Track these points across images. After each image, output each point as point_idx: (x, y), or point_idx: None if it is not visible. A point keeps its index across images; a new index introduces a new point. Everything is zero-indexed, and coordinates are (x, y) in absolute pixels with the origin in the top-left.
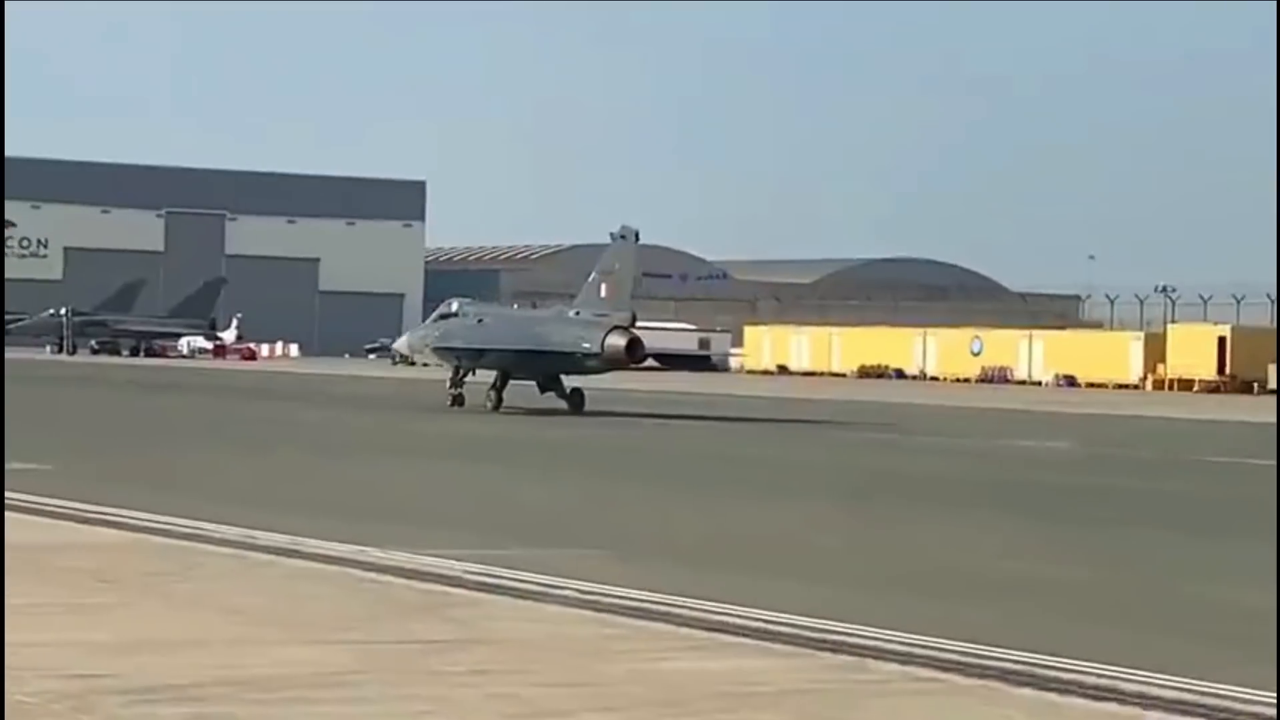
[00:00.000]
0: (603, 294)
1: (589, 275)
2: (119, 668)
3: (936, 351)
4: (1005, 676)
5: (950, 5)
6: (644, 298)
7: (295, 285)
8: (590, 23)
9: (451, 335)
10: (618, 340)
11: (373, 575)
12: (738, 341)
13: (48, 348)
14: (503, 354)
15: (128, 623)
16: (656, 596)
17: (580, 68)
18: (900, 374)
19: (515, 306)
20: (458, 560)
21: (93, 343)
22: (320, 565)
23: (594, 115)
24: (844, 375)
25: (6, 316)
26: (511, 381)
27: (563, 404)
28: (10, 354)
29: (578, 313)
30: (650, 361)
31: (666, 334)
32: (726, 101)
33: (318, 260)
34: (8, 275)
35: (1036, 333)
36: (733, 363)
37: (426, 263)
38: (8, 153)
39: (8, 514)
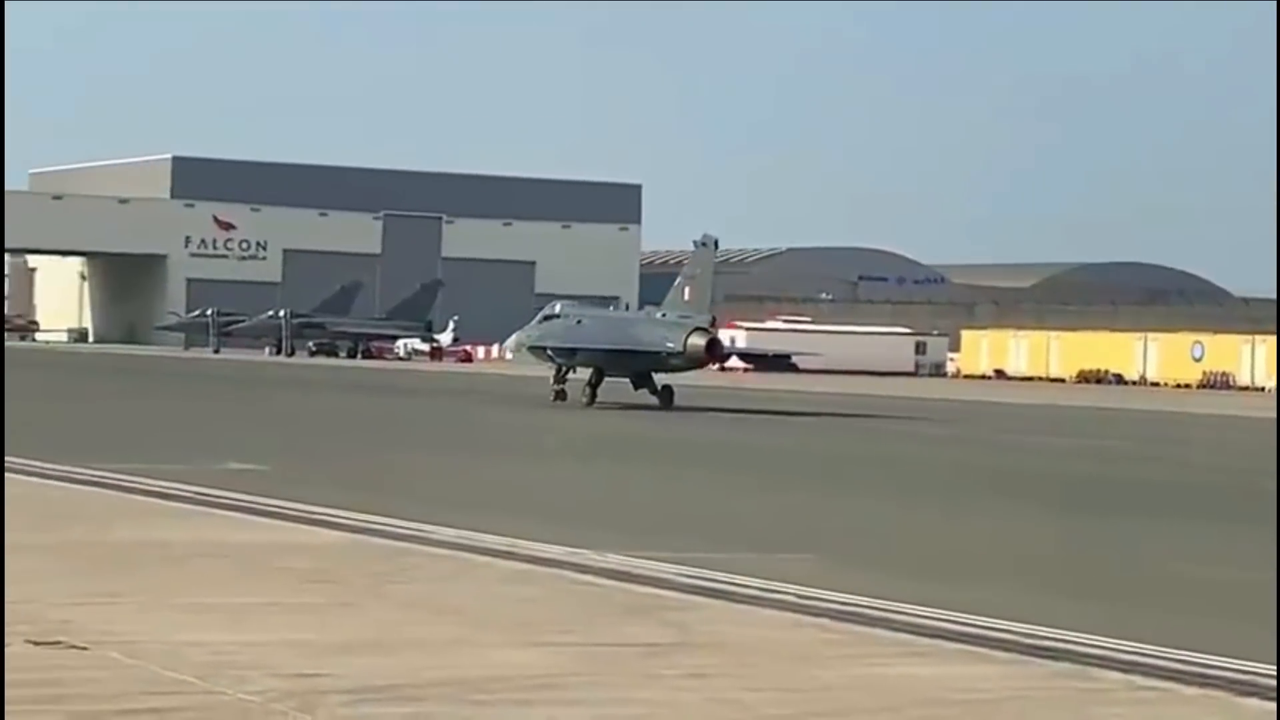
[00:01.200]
0: (686, 298)
1: (675, 280)
2: (339, 668)
3: (1157, 356)
4: (1230, 686)
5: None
6: (859, 301)
7: (511, 288)
8: (810, 26)
9: (548, 335)
10: (698, 340)
11: (589, 578)
12: (955, 346)
13: (266, 349)
14: (593, 352)
15: (347, 623)
16: (872, 601)
17: (799, 70)
18: (1120, 379)
19: (624, 311)
20: (671, 564)
21: (311, 344)
22: (536, 568)
23: (810, 117)
24: (1063, 380)
25: (228, 317)
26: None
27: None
28: (229, 355)
29: (665, 315)
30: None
31: (881, 338)
32: (944, 105)
33: (533, 263)
34: (229, 277)
35: (1259, 338)
36: (949, 367)
37: (641, 266)
38: (229, 155)
39: (229, 514)
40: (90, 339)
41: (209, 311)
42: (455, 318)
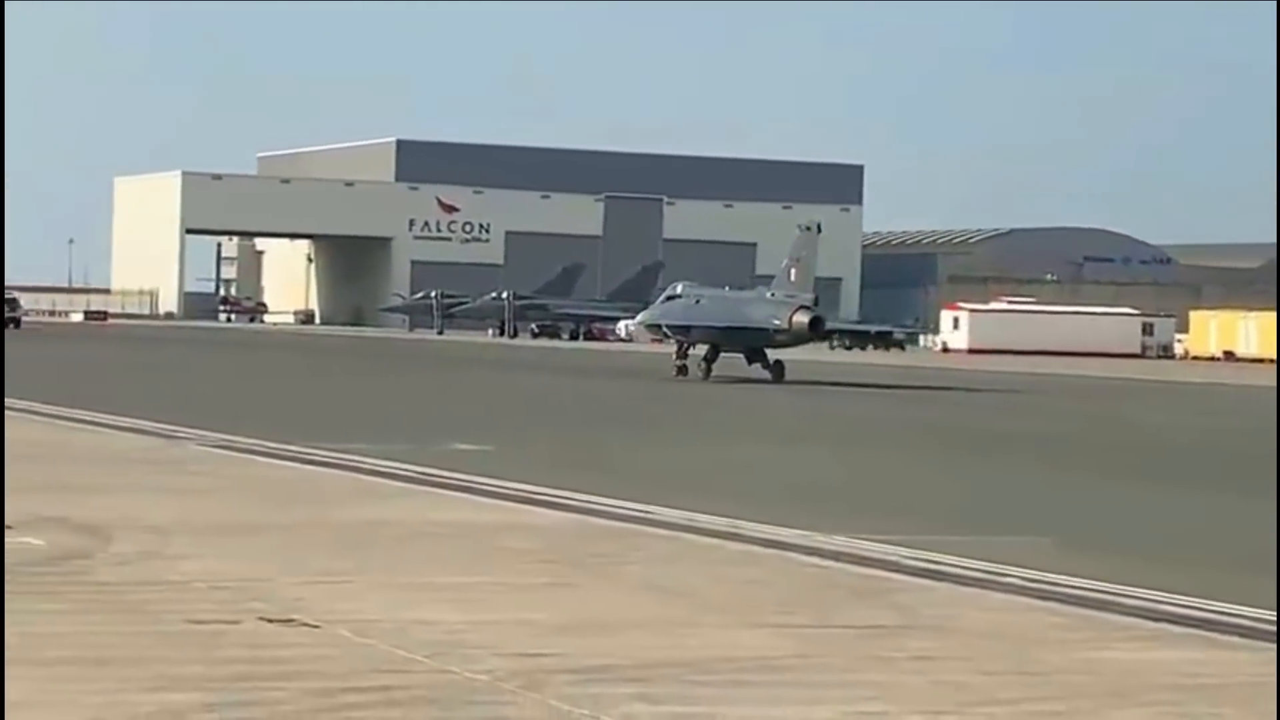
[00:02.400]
0: (792, 278)
1: (782, 261)
2: (565, 647)
3: None
4: None
5: None
6: (1084, 282)
7: (732, 269)
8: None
9: (667, 314)
10: (802, 318)
11: (813, 560)
12: (1182, 327)
13: (489, 331)
14: (707, 329)
15: (573, 603)
16: (1101, 585)
17: (1015, 47)
18: None
19: (739, 291)
20: (895, 545)
21: (533, 326)
22: (760, 549)
23: (1034, 99)
24: None
25: (452, 299)
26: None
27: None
28: (452, 336)
29: (773, 294)
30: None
31: (1106, 319)
32: (1169, 82)
33: (754, 244)
34: (452, 259)
35: None
36: (1176, 349)
37: (863, 247)
38: (453, 139)
39: (456, 494)
40: (317, 321)
41: (433, 293)
42: None
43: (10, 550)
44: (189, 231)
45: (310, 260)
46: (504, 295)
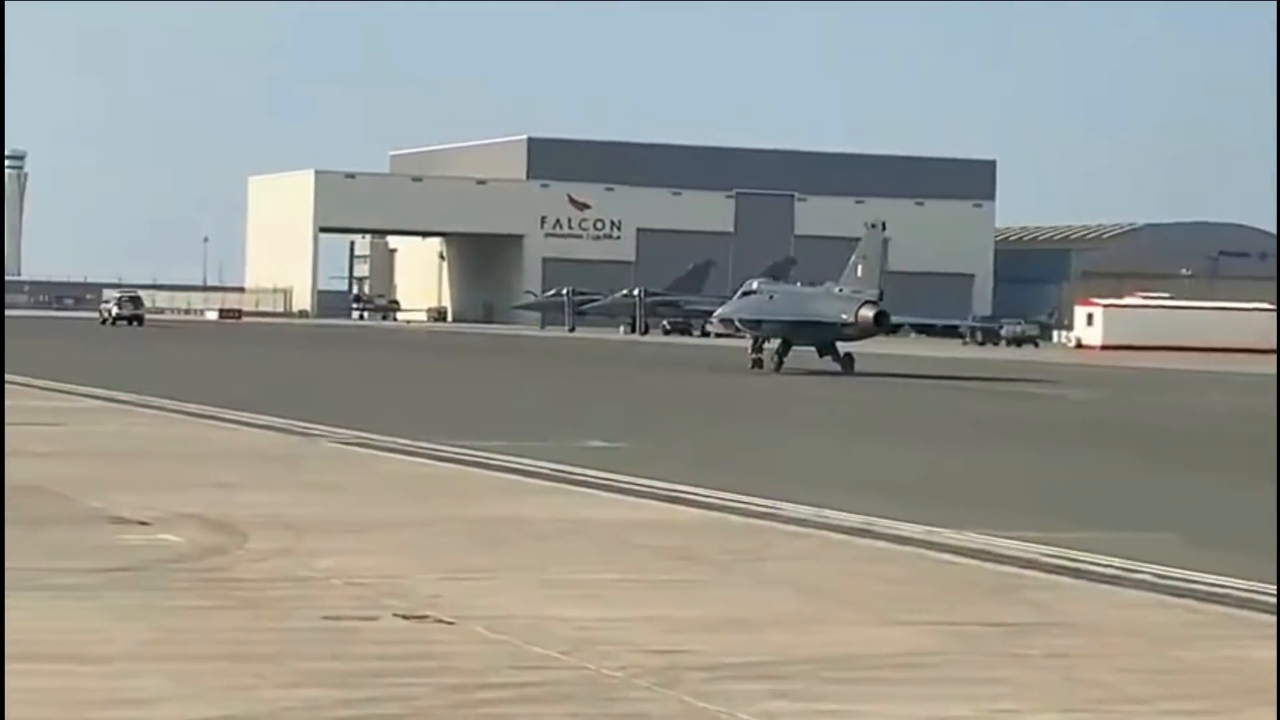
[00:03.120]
0: (859, 274)
1: (850, 258)
2: (700, 644)
3: None
4: None
5: None
6: (1221, 277)
7: None
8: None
9: (741, 309)
10: (868, 312)
11: (947, 557)
12: None
13: (621, 328)
14: (777, 324)
15: (708, 600)
16: (1237, 582)
17: (1153, 41)
18: None
19: (809, 287)
20: (1028, 542)
21: (665, 323)
22: (894, 546)
23: (1173, 93)
24: None
25: (583, 296)
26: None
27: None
28: (584, 334)
29: (841, 290)
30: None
31: (1242, 315)
32: None
33: (886, 240)
34: (583, 256)
35: None
36: None
37: (996, 243)
38: (584, 136)
39: (591, 491)
40: (449, 318)
41: (564, 290)
42: None
43: (148, 547)
44: (322, 230)
45: (442, 258)
46: (635, 292)
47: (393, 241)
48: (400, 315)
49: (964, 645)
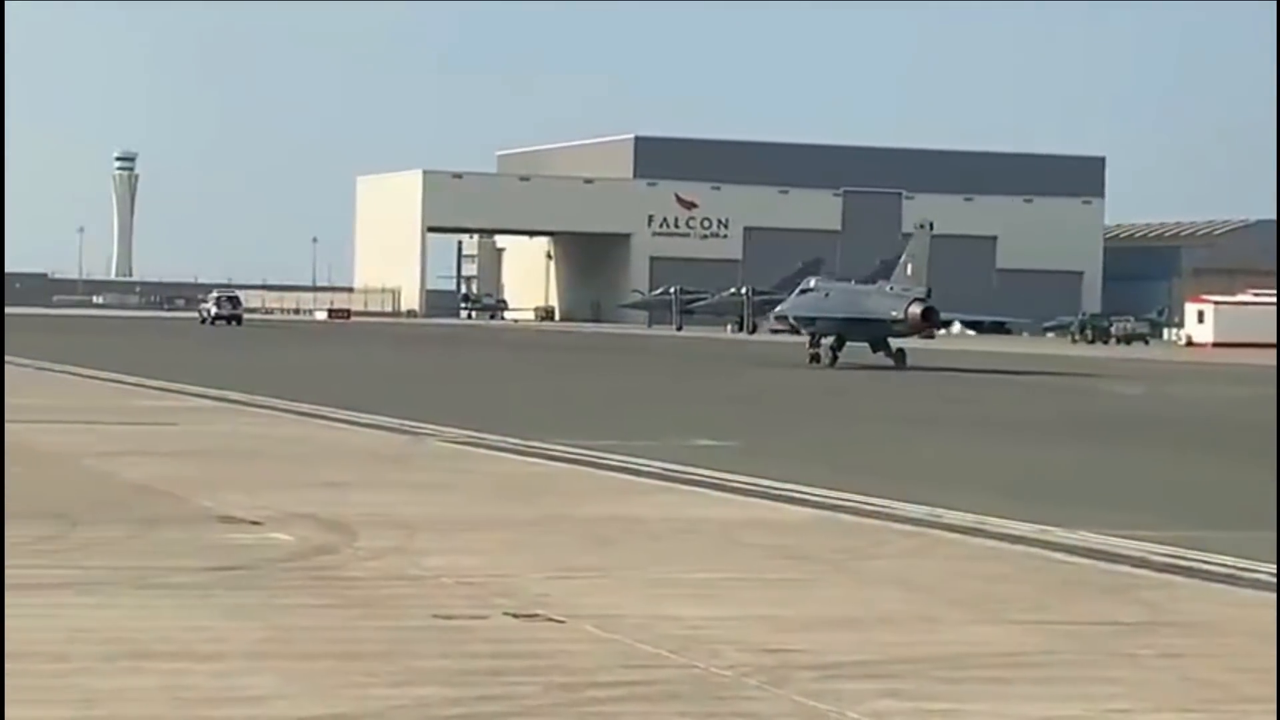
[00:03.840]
0: (909, 273)
1: (900, 256)
2: (809, 643)
3: None
4: None
5: None
6: None
7: (972, 263)
8: None
9: (796, 307)
10: (916, 309)
11: (1059, 555)
12: None
13: (728, 327)
14: (830, 320)
15: (818, 599)
16: None
17: (1264, 40)
18: None
19: (864, 285)
20: (1140, 540)
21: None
22: (1004, 544)
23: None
24: None
25: (690, 295)
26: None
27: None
28: (691, 332)
29: (891, 288)
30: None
31: None
32: None
33: (994, 238)
34: (691, 255)
35: None
36: None
37: (1105, 240)
38: (691, 134)
39: (700, 489)
40: (556, 317)
41: (671, 289)
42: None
43: (259, 546)
44: (430, 229)
45: (550, 257)
46: (742, 291)
47: (500, 241)
48: (508, 314)
49: (1076, 645)
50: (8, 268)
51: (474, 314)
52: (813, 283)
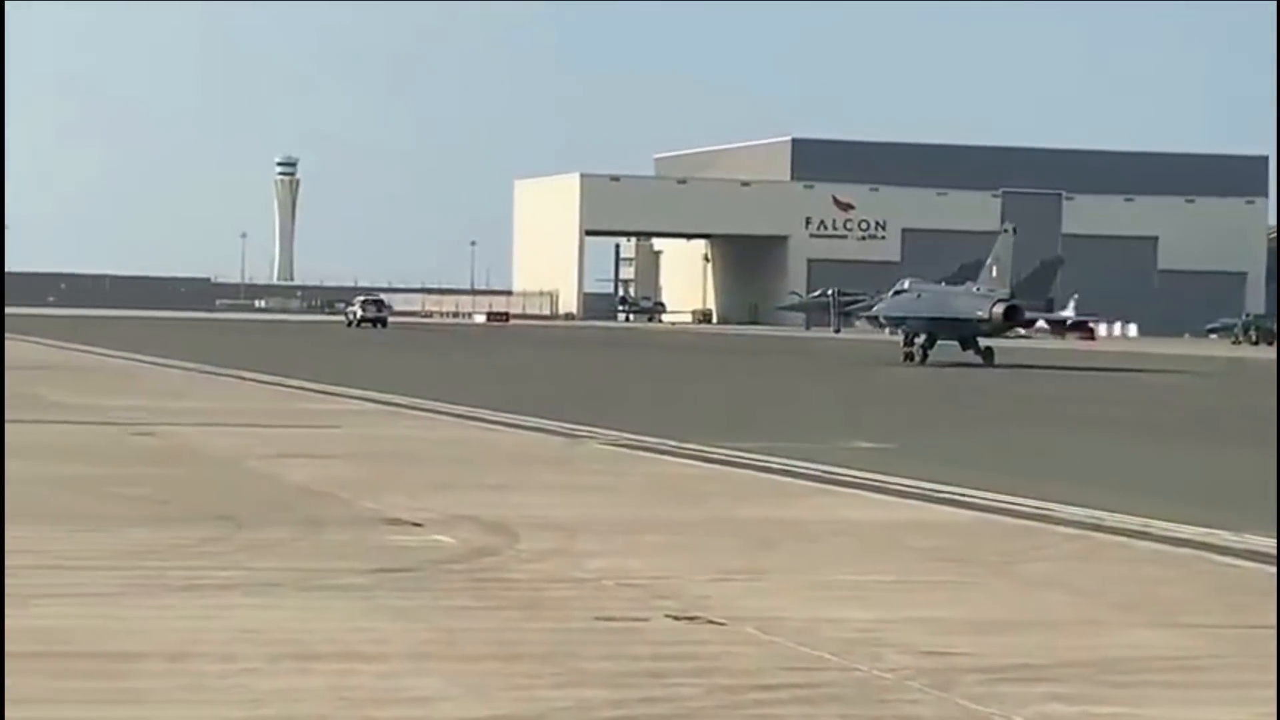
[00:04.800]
0: (994, 275)
1: (986, 259)
2: (972, 646)
3: None
4: None
5: None
6: None
7: (1133, 264)
8: None
9: (888, 308)
10: (999, 309)
11: (1226, 559)
12: None
13: (887, 329)
14: (917, 320)
15: (980, 602)
16: None
17: None
18: None
19: (954, 287)
20: None
21: None
22: (1170, 548)
23: None
24: None
25: (849, 297)
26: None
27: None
28: (849, 335)
29: (978, 289)
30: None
31: None
32: None
33: (1155, 239)
34: (848, 256)
35: None
36: None
37: (1269, 240)
38: (848, 136)
39: (858, 492)
40: (713, 320)
41: (829, 291)
42: (1076, 295)
43: (422, 548)
44: (588, 233)
45: (707, 260)
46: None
47: (658, 244)
48: (665, 317)
49: (1242, 649)
50: (172, 273)
51: (631, 317)
52: (906, 284)
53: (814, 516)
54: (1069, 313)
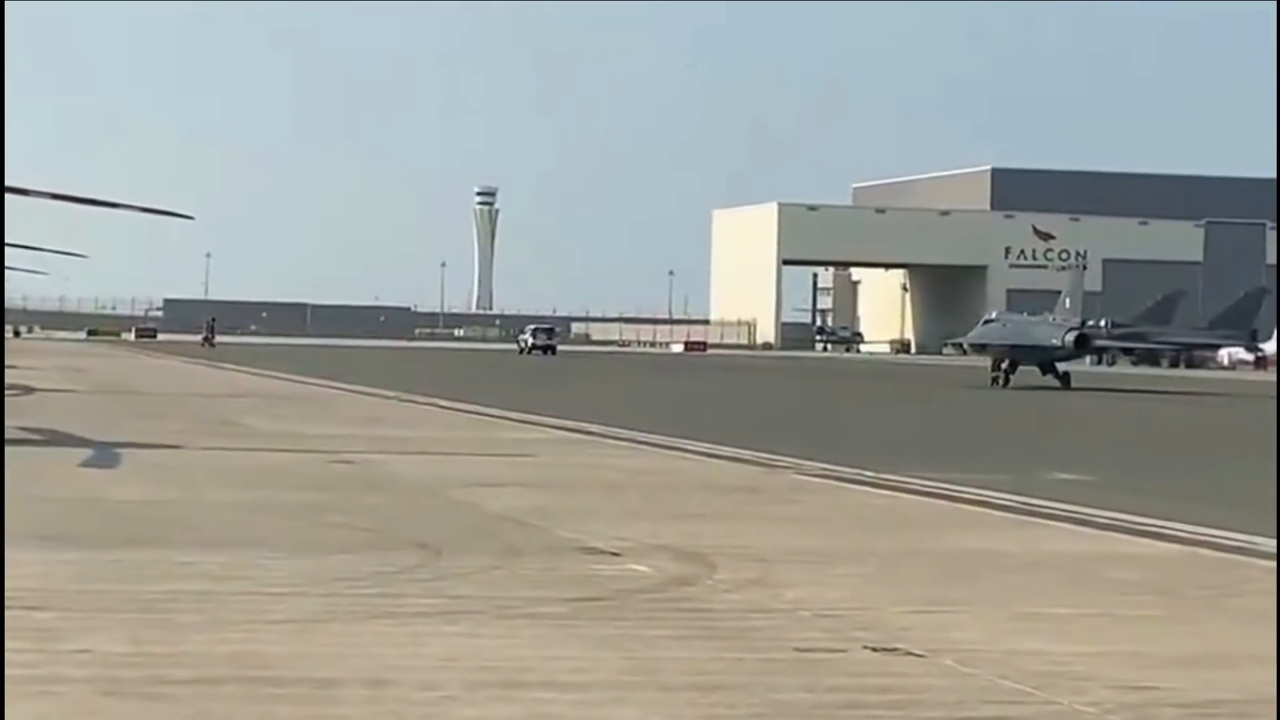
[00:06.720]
0: (1067, 306)
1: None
2: (1175, 681)
3: None
4: None
5: None
6: None
7: None
8: None
9: (975, 335)
10: (1070, 337)
11: None
12: None
13: (1086, 358)
14: (998, 347)
15: (1183, 636)
16: None
17: None
18: None
19: (1034, 317)
20: None
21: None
22: None
23: None
24: None
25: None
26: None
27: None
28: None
29: (1054, 319)
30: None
31: None
32: None
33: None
34: (1049, 287)
35: None
36: None
37: None
38: (1049, 166)
39: (1057, 524)
40: (912, 350)
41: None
42: None
43: (619, 577)
44: (785, 262)
45: (905, 289)
46: (1101, 323)
47: (856, 273)
48: (863, 347)
49: None
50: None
51: (829, 346)
52: (994, 314)
53: (1012, 548)
54: (1272, 345)
